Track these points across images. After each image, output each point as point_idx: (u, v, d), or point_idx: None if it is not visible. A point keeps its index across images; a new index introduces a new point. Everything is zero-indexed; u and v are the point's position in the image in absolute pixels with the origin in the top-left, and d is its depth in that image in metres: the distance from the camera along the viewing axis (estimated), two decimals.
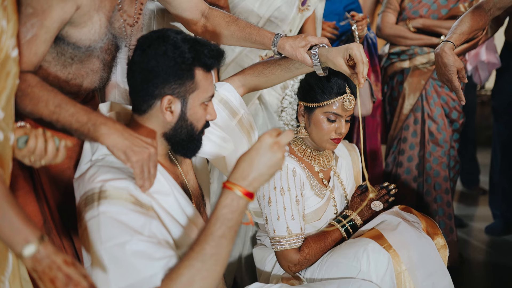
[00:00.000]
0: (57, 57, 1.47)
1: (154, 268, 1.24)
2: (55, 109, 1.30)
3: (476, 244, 3.48)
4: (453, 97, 3.01)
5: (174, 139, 1.46)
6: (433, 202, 3.00)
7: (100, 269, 1.26)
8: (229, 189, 1.21)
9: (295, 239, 1.79)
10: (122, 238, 1.25)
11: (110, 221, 1.28)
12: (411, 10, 3.02)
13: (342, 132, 1.89)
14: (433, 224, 1.93)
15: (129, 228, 1.27)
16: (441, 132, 3.00)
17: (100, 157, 1.43)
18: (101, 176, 1.35)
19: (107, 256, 1.26)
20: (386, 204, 1.98)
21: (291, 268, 1.81)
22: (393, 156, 3.09)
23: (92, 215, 1.30)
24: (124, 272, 1.25)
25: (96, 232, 1.28)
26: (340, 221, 1.92)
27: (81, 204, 1.36)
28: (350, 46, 1.60)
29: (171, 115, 1.42)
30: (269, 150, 1.22)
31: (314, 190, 1.92)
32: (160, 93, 1.40)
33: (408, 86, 3.04)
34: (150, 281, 1.23)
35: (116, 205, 1.30)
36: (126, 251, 1.24)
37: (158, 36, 1.41)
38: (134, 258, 1.24)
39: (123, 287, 1.24)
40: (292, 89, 1.98)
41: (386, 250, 1.70)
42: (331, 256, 1.80)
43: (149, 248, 1.26)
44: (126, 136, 1.32)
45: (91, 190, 1.34)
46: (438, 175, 2.99)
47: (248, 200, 1.22)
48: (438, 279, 1.76)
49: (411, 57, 3.02)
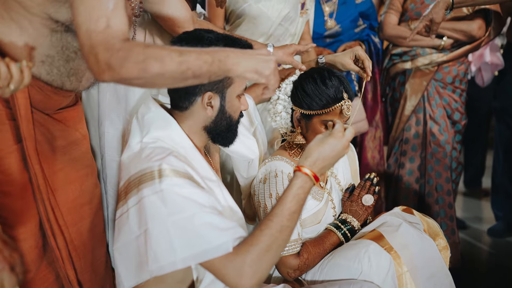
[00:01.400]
0: (61, 51, 1.46)
1: (224, 237, 1.37)
2: (180, 59, 1.25)
3: (478, 245, 3.48)
4: (456, 98, 3.01)
5: (215, 131, 1.60)
6: (434, 203, 2.99)
7: (163, 240, 1.36)
8: (305, 174, 1.44)
9: (293, 245, 1.77)
10: (189, 211, 1.37)
11: (175, 196, 1.39)
12: (414, 11, 3.01)
13: None
14: (435, 225, 1.92)
15: (194, 201, 1.39)
16: (443, 134, 2.99)
17: (151, 140, 1.53)
18: (159, 156, 1.45)
19: (174, 228, 1.36)
20: (376, 196, 1.97)
21: (291, 274, 1.79)
22: (395, 157, 3.09)
23: (154, 190, 1.40)
24: (192, 242, 1.36)
25: (161, 207, 1.38)
26: (336, 225, 1.91)
27: (132, 182, 1.45)
28: (355, 49, 1.97)
29: (212, 109, 1.55)
30: (341, 146, 1.47)
31: (311, 193, 1.90)
32: (201, 90, 1.53)
33: (410, 87, 3.04)
34: (220, 249, 1.36)
35: (178, 181, 1.41)
36: (195, 223, 1.36)
37: (194, 37, 1.53)
38: (203, 229, 1.36)
39: (188, 256, 1.36)
40: (285, 91, 1.92)
41: (387, 252, 1.69)
42: (332, 258, 1.79)
43: (215, 219, 1.39)
44: (249, 57, 1.34)
45: (149, 168, 1.43)
46: (440, 176, 2.99)
47: (316, 182, 1.46)
48: (440, 280, 1.75)
49: (413, 58, 3.02)
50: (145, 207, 1.40)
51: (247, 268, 1.36)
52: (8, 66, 1.23)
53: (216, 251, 1.36)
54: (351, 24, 2.93)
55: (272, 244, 1.39)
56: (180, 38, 1.53)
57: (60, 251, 1.54)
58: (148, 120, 1.58)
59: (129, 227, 1.44)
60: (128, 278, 1.48)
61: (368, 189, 1.97)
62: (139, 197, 1.43)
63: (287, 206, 1.43)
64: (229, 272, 1.37)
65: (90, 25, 1.20)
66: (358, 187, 1.98)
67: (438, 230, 1.91)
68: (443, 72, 3.00)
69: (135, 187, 1.45)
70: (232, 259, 1.37)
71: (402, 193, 3.03)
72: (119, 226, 1.49)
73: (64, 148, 1.58)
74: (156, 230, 1.38)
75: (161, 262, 1.37)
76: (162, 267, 1.38)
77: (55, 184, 1.54)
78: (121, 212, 1.49)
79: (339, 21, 2.90)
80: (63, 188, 1.57)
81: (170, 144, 1.53)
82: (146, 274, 1.41)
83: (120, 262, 1.50)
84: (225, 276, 1.38)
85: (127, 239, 1.45)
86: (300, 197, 1.44)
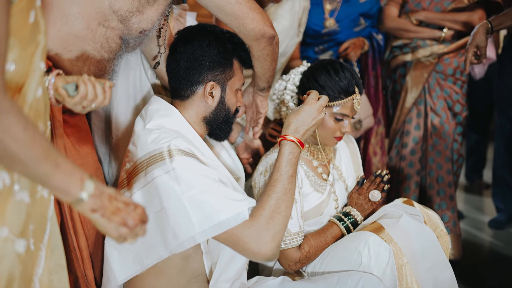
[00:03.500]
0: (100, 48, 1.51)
1: (239, 207, 1.44)
2: None
3: (479, 237, 3.48)
4: (456, 90, 3.00)
5: (214, 122, 1.66)
6: (436, 195, 2.99)
7: (180, 216, 1.41)
8: (290, 141, 1.62)
9: (294, 237, 1.77)
10: (202, 186, 1.44)
11: (187, 173, 1.45)
12: (414, 3, 3.00)
13: (346, 131, 1.87)
14: (435, 217, 1.92)
15: (206, 177, 1.46)
16: (444, 125, 2.98)
17: (155, 127, 1.58)
18: (166, 138, 1.51)
19: (190, 203, 1.42)
20: (384, 193, 1.96)
21: (292, 267, 1.79)
22: (396, 150, 3.08)
23: (165, 170, 1.45)
24: (209, 215, 1.41)
25: (174, 185, 1.43)
26: (339, 218, 1.91)
27: (139, 165, 1.50)
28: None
29: (212, 99, 1.63)
30: (315, 110, 1.66)
31: (314, 186, 1.90)
32: (204, 80, 1.61)
33: (411, 79, 3.03)
34: (237, 218, 1.43)
35: (188, 160, 1.47)
36: (210, 196, 1.43)
37: (199, 29, 1.65)
38: (219, 201, 1.43)
39: (207, 228, 1.41)
40: (293, 82, 1.93)
41: (387, 243, 1.69)
42: (333, 250, 1.80)
43: (228, 192, 1.47)
44: None
45: (157, 150, 1.49)
46: (441, 168, 2.98)
47: (301, 148, 1.64)
48: (440, 272, 1.75)
49: (413, 50, 3.01)
50: (157, 188, 1.44)
51: (265, 232, 1.44)
52: (94, 86, 1.27)
53: (233, 220, 1.42)
54: (350, 24, 2.91)
55: (280, 205, 1.50)
56: (187, 30, 1.67)
57: (81, 251, 1.54)
58: (151, 110, 1.62)
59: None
60: (122, 271, 1.50)
61: (378, 185, 1.97)
62: (148, 179, 1.47)
63: (284, 171, 1.57)
64: (249, 240, 1.44)
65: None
66: (368, 181, 1.98)
67: (439, 222, 1.91)
68: (444, 63, 2.99)
69: (143, 170, 1.49)
70: (249, 226, 1.44)
71: (403, 185, 3.03)
72: None
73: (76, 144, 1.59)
74: (172, 207, 1.42)
75: (181, 238, 1.42)
76: (181, 243, 1.43)
77: None
78: None
79: (339, 20, 2.88)
80: None
81: (174, 130, 1.57)
82: (163, 252, 1.44)
83: (112, 255, 1.51)
84: (246, 246, 1.44)
85: None
86: (293, 162, 1.60)
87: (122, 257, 1.52)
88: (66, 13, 1.46)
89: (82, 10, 1.47)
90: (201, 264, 1.59)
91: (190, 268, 1.58)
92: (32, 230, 1.11)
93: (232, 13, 1.59)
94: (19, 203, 1.06)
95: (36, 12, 1.06)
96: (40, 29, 1.08)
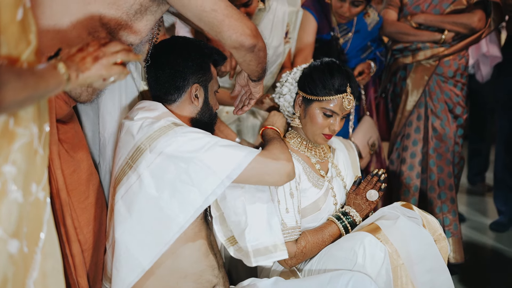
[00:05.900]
0: None
1: (245, 150, 1.62)
2: None
3: (481, 240, 3.47)
4: (457, 92, 3.00)
5: (200, 122, 1.78)
6: (437, 198, 2.98)
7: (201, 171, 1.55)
8: (271, 128, 1.93)
9: (290, 232, 1.79)
10: (210, 142, 1.59)
11: (194, 135, 1.60)
12: (412, 6, 3.00)
13: (335, 129, 1.89)
14: (434, 221, 1.91)
15: (209, 136, 1.62)
16: (445, 128, 2.98)
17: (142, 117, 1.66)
18: (161, 119, 1.63)
19: (206, 157, 1.56)
20: (381, 192, 1.97)
21: (287, 262, 1.81)
22: (397, 153, 3.07)
23: (171, 140, 1.57)
24: (226, 161, 1.58)
25: (185, 147, 1.57)
26: (338, 217, 1.92)
27: (142, 144, 1.59)
28: None
29: (197, 101, 1.76)
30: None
31: (312, 181, 1.92)
32: (189, 83, 1.74)
33: (411, 82, 3.02)
34: (251, 154, 1.61)
35: (189, 127, 1.65)
36: (219, 148, 1.59)
37: (177, 40, 1.82)
38: (228, 149, 1.60)
39: (230, 172, 1.56)
40: (294, 76, 1.98)
41: (383, 244, 1.69)
42: (329, 250, 1.80)
43: (232, 142, 1.64)
44: None
45: (157, 127, 1.60)
46: (442, 171, 2.98)
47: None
48: (437, 275, 1.75)
49: (413, 52, 3.01)
50: (169, 156, 1.55)
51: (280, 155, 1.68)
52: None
53: (249, 156, 1.59)
54: (358, 53, 2.90)
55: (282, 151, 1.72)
56: (165, 42, 1.83)
57: (74, 257, 1.54)
58: (136, 109, 1.70)
59: (146, 192, 1.54)
60: (146, 255, 1.55)
61: (374, 184, 1.97)
62: (154, 155, 1.55)
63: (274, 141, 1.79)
64: (271, 167, 1.64)
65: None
66: (365, 181, 1.99)
67: (438, 227, 1.90)
68: (444, 66, 2.98)
69: (146, 149, 1.56)
70: (267, 155, 1.65)
71: (403, 188, 3.02)
72: (130, 200, 1.55)
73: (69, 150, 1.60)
74: (191, 166, 1.55)
75: (208, 191, 1.56)
76: (207, 199, 1.57)
77: (71, 186, 1.56)
78: (129, 184, 1.57)
79: (348, 51, 2.87)
80: (77, 189, 1.60)
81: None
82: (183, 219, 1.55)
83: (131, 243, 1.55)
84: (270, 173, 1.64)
85: (145, 206, 1.54)
86: (276, 137, 1.85)
87: (143, 242, 1.56)
88: (59, 23, 1.48)
89: (74, 20, 1.49)
90: (189, 264, 1.62)
91: (179, 268, 1.61)
92: (26, 233, 1.11)
93: (208, 21, 1.55)
94: (12, 203, 1.06)
95: (24, 9, 1.07)
96: (30, 29, 1.09)
